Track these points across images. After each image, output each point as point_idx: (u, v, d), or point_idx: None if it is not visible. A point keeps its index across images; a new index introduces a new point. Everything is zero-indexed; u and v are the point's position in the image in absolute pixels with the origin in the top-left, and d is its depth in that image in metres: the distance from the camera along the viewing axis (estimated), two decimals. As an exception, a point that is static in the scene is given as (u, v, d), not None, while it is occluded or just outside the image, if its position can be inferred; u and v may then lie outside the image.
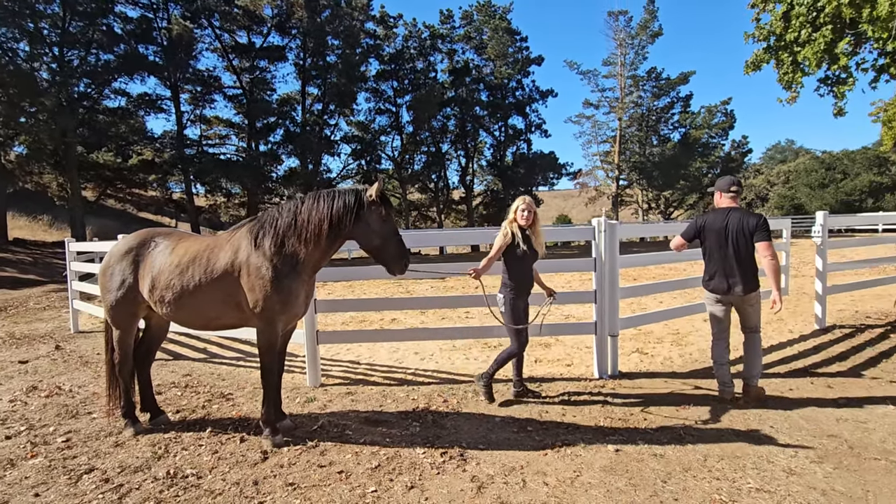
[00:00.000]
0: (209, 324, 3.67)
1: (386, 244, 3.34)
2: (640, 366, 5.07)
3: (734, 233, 3.72)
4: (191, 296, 3.38)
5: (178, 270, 3.40)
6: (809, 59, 7.49)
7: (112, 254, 3.73)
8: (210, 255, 3.41)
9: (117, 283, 3.60)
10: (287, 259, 3.25)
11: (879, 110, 16.09)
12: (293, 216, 3.30)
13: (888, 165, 46.46)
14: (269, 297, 3.23)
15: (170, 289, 3.40)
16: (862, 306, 7.74)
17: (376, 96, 37.57)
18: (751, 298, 3.83)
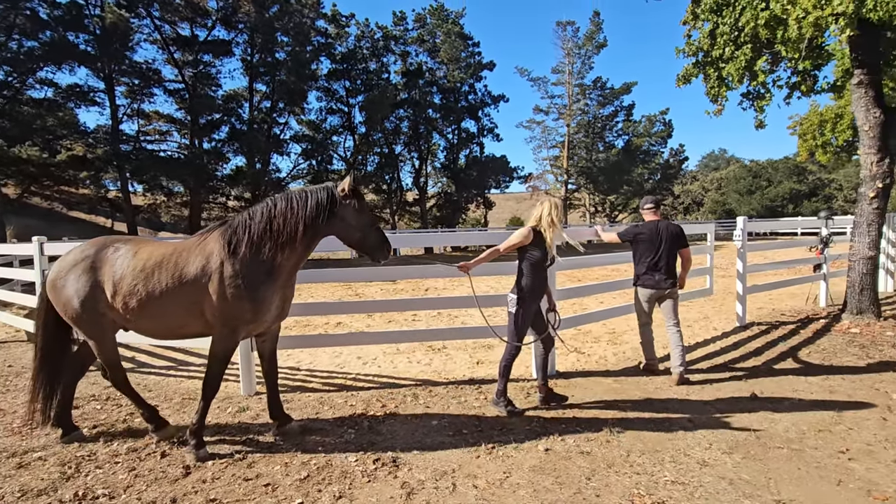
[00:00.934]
0: (173, 332, 3.44)
1: (366, 236, 3.37)
2: (576, 365, 5.23)
3: (665, 240, 4.59)
4: (156, 302, 3.19)
5: (142, 275, 3.20)
6: (732, 74, 7.95)
7: (63, 264, 3.42)
8: (178, 260, 3.23)
9: (72, 294, 3.31)
10: (263, 265, 3.17)
11: (796, 124, 17.61)
12: (267, 220, 3.19)
13: (806, 174, 50.93)
14: (241, 306, 3.13)
15: (133, 295, 3.19)
16: (779, 304, 8.39)
17: (328, 95, 36.86)
18: (674, 292, 4.68)
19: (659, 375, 4.75)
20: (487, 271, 4.66)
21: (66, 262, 3.40)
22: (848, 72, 9.76)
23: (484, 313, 4.27)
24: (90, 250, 3.42)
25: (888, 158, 6.42)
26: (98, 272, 3.31)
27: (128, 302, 3.20)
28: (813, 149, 16.68)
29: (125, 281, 3.21)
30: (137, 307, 3.20)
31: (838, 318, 6.93)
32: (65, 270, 3.37)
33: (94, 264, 3.34)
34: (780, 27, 6.74)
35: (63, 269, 3.38)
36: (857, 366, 4.87)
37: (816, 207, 48.03)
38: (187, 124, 31.26)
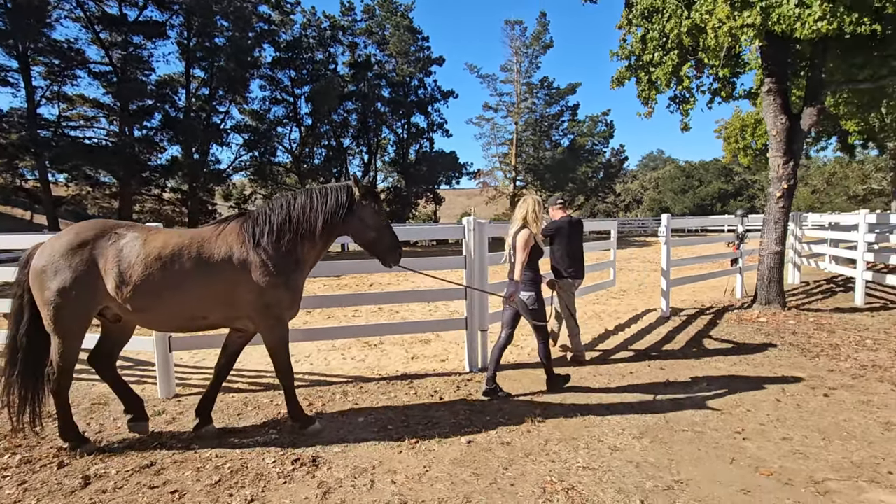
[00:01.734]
0: (189, 323, 3.31)
1: (381, 236, 3.48)
2: (509, 357, 5.33)
3: (578, 234, 5.02)
4: (175, 292, 3.11)
5: (158, 264, 3.08)
6: (661, 78, 8.32)
7: (55, 248, 3.10)
8: (201, 250, 3.17)
9: (66, 282, 3.02)
10: (289, 256, 3.27)
11: (721, 128, 18.90)
12: (286, 214, 3.28)
13: (732, 175, 54.90)
14: (279, 294, 3.23)
15: (147, 284, 3.06)
16: (701, 296, 8.99)
17: (272, 85, 35.47)
18: (578, 282, 5.17)
19: (585, 366, 4.94)
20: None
21: (59, 247, 3.09)
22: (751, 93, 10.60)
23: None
24: (87, 235, 3.15)
25: (793, 161, 7.01)
26: (100, 259, 3.09)
27: (138, 291, 3.06)
28: (736, 151, 17.97)
29: (136, 270, 3.06)
30: (151, 297, 3.08)
31: (750, 307, 7.51)
32: (57, 256, 3.07)
33: (95, 251, 3.10)
34: (701, 35, 7.17)
35: (55, 255, 3.07)
36: (761, 352, 5.29)
37: (741, 206, 52.06)
38: (116, 110, 28.93)
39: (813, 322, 6.54)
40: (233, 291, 3.18)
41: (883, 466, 2.79)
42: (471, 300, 4.82)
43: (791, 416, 3.53)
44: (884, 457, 2.90)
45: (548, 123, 43.90)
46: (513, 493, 2.60)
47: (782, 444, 3.11)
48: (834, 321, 6.58)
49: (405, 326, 5.37)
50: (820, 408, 3.68)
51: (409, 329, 5.28)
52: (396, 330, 5.27)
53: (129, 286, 3.05)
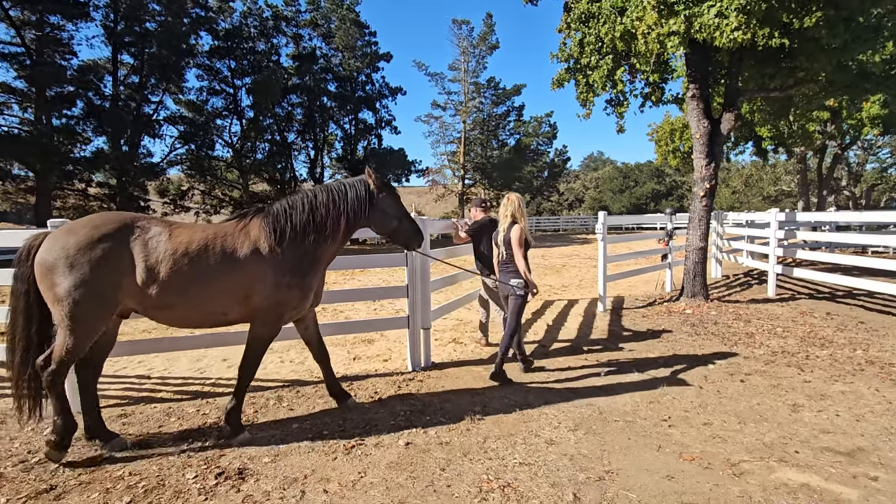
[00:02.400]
0: (210, 320, 3.26)
1: (402, 224, 3.63)
2: (453, 355, 5.32)
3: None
4: (201, 288, 3.07)
5: (186, 259, 3.02)
6: (598, 82, 8.61)
7: (70, 242, 2.90)
8: (225, 245, 3.14)
9: (85, 278, 2.86)
10: (308, 253, 3.29)
11: (653, 131, 20.00)
12: (309, 213, 3.30)
13: (664, 177, 58.44)
14: (291, 294, 3.24)
15: (175, 280, 3.00)
16: (635, 290, 9.45)
17: (210, 74, 33.50)
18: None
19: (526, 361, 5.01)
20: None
21: (75, 241, 2.90)
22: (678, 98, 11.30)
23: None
24: (108, 228, 2.99)
25: (714, 163, 7.51)
26: (125, 254, 2.96)
27: (167, 287, 2.99)
28: (666, 154, 19.10)
29: (164, 265, 2.98)
30: (179, 293, 3.02)
31: (678, 300, 7.99)
32: (73, 250, 2.87)
33: (119, 246, 2.96)
34: (633, 41, 7.51)
35: (70, 249, 2.87)
36: (687, 342, 5.63)
37: (673, 206, 55.56)
38: (31, 96, 26.14)
39: (732, 313, 7.04)
40: (252, 287, 3.16)
41: (791, 446, 3.02)
42: (413, 298, 4.76)
43: (712, 402, 3.76)
44: (791, 437, 3.15)
45: (495, 123, 44.60)
46: (449, 495, 2.57)
47: (703, 429, 3.30)
48: (750, 311, 7.13)
49: (346, 326, 5.19)
50: (737, 393, 3.95)
51: (350, 329, 5.13)
52: (337, 330, 5.09)
53: (157, 282, 2.98)
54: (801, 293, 8.70)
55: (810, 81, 7.68)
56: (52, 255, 2.88)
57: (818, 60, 7.23)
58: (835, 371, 4.44)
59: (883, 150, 29.47)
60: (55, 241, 2.93)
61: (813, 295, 8.50)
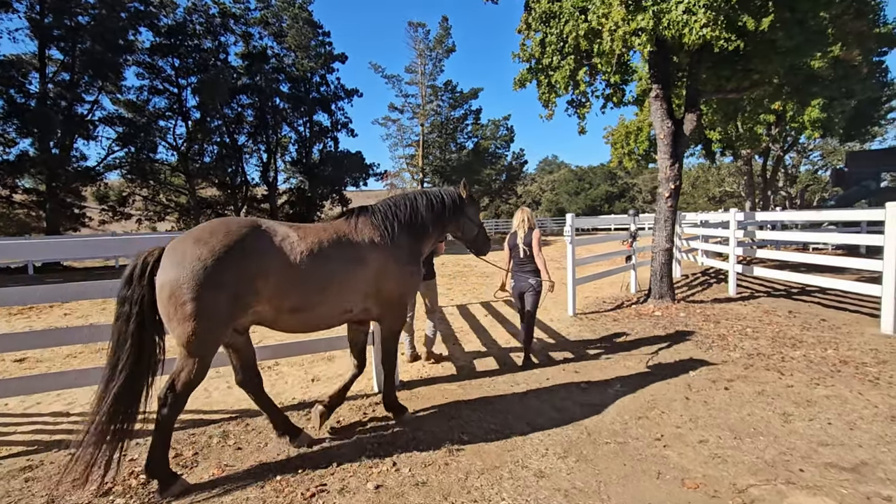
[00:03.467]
0: (341, 319, 3.31)
1: (481, 232, 4.12)
2: (422, 372, 4.90)
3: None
4: (338, 286, 3.12)
5: (321, 259, 3.04)
6: (559, 82, 8.45)
7: (198, 255, 2.61)
8: (350, 243, 3.25)
9: (219, 292, 2.63)
10: (414, 250, 3.57)
11: (609, 134, 20.40)
12: (411, 213, 3.58)
13: (616, 179, 60.49)
14: (412, 281, 3.54)
15: (315, 281, 2.99)
16: (602, 292, 9.36)
17: (152, 73, 31.45)
18: (429, 284, 5.16)
19: (503, 374, 4.66)
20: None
21: (206, 253, 2.63)
22: (646, 91, 11.42)
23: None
24: (242, 233, 2.80)
25: (678, 163, 7.50)
26: (260, 261, 2.80)
27: (306, 290, 2.97)
28: (621, 156, 19.51)
29: (304, 267, 2.95)
30: (317, 294, 3.03)
31: (645, 302, 7.93)
32: (202, 264, 2.60)
33: (253, 252, 2.78)
34: (597, 40, 7.40)
35: (200, 263, 2.60)
36: (662, 347, 5.47)
37: (625, 207, 57.53)
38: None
39: (700, 314, 7.02)
40: (377, 282, 3.29)
41: (794, 463, 2.81)
42: (377, 313, 4.30)
43: (702, 415, 3.54)
44: (791, 452, 2.95)
45: (453, 126, 44.52)
46: (430, 553, 2.16)
47: (700, 448, 3.05)
48: (716, 312, 7.14)
49: (302, 346, 4.63)
50: (725, 403, 3.76)
51: (306, 349, 4.56)
52: (290, 351, 4.53)
53: (296, 285, 2.93)
54: (760, 291, 8.89)
55: (764, 84, 7.85)
56: (187, 269, 2.58)
57: (772, 63, 7.38)
58: (813, 373, 4.36)
59: (814, 154, 31.70)
60: (184, 253, 2.64)
61: (770, 293, 8.69)
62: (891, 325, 5.63)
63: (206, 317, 2.60)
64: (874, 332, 5.68)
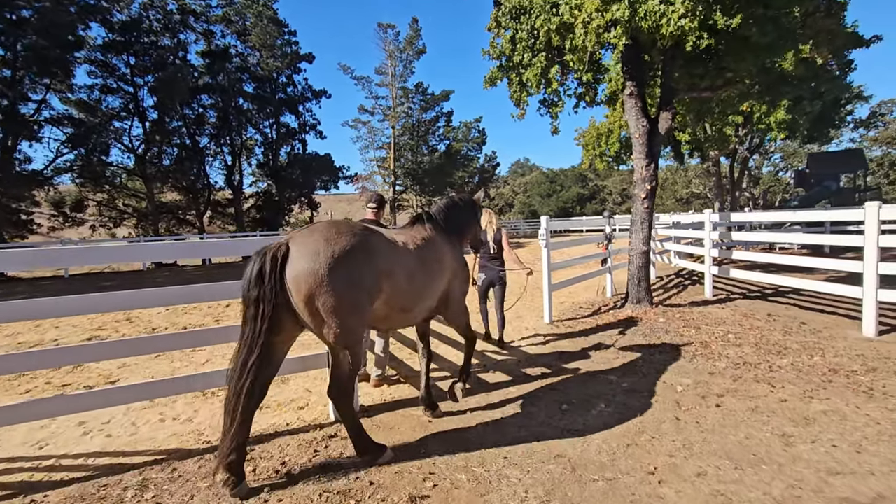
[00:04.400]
0: (420, 318, 3.52)
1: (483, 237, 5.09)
2: (385, 394, 4.40)
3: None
4: (429, 289, 3.35)
5: (421, 262, 3.27)
6: (531, 80, 8.15)
7: (337, 249, 2.70)
8: (434, 247, 3.47)
9: (357, 286, 2.76)
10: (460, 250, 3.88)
11: (580, 136, 20.34)
12: (458, 219, 3.95)
13: (587, 181, 61.34)
14: (467, 282, 3.86)
15: (416, 282, 3.20)
16: (577, 297, 9.07)
17: (105, 71, 29.79)
18: None
19: (475, 395, 4.21)
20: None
21: (343, 248, 2.74)
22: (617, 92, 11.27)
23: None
24: (364, 235, 2.92)
25: (654, 163, 7.26)
26: (386, 260, 2.99)
27: (416, 288, 3.19)
28: (593, 158, 19.45)
29: (412, 268, 3.17)
30: (423, 291, 3.27)
31: (623, 306, 7.65)
32: (337, 260, 2.68)
33: (379, 251, 2.96)
34: (569, 35, 7.10)
35: (344, 256, 2.71)
36: (644, 356, 5.14)
37: (596, 209, 58.38)
38: None
39: (679, 319, 6.77)
40: (450, 281, 3.58)
41: (806, 501, 2.46)
42: (332, 330, 3.79)
43: (696, 440, 3.18)
44: (800, 485, 2.60)
45: (424, 128, 44.05)
46: None
47: (699, 483, 2.67)
48: (695, 316, 6.90)
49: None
50: (718, 423, 3.42)
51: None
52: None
53: (408, 285, 3.11)
54: (735, 293, 8.77)
55: (738, 82, 7.72)
56: (324, 267, 2.64)
57: (744, 61, 7.24)
58: (805, 385, 4.09)
59: (776, 156, 32.77)
60: (317, 252, 2.67)
61: (746, 294, 8.58)
62: (872, 328, 5.48)
63: (353, 311, 2.75)
64: (856, 336, 5.52)
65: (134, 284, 14.35)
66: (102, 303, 3.27)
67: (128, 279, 17.39)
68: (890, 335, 5.49)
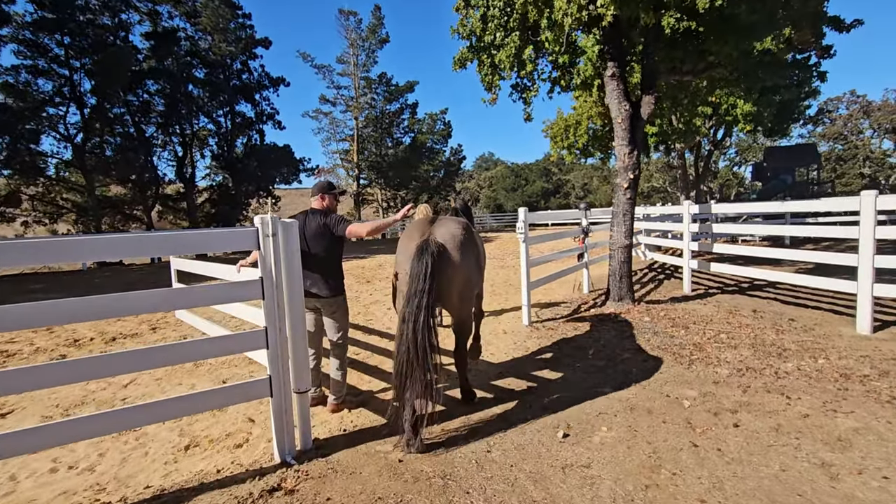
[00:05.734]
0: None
1: None
2: (345, 421, 3.66)
3: (312, 235, 3.68)
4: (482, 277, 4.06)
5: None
6: (504, 61, 7.58)
7: (467, 235, 3.60)
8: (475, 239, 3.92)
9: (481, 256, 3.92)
10: None
11: (548, 128, 20.00)
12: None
13: (551, 175, 61.83)
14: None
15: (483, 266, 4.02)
16: (553, 294, 8.55)
17: (35, 51, 27.07)
18: (332, 303, 3.76)
19: (453, 420, 3.54)
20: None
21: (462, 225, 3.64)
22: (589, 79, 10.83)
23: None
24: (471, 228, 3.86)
25: (636, 150, 6.79)
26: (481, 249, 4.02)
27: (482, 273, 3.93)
28: (561, 150, 19.14)
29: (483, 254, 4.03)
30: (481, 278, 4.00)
31: (604, 304, 7.19)
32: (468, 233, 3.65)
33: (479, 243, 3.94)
34: (547, 8, 6.51)
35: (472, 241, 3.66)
36: (637, 363, 4.63)
37: (560, 203, 58.94)
38: None
39: (665, 317, 6.34)
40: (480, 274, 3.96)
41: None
42: (277, 347, 3.02)
43: (725, 475, 2.63)
44: (872, 542, 2.08)
45: (388, 120, 42.88)
46: None
47: (748, 543, 2.10)
48: (680, 314, 6.50)
49: (163, 409, 3.09)
50: (744, 450, 2.89)
51: (171, 412, 3.09)
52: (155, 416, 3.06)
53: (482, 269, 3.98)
54: (713, 287, 8.50)
55: (720, 66, 7.35)
56: (467, 245, 3.52)
57: (727, 44, 6.88)
58: (821, 395, 3.66)
59: (731, 150, 33.75)
60: (463, 244, 3.49)
61: (723, 289, 8.31)
62: (867, 324, 5.19)
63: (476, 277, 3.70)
64: (851, 334, 5.21)
65: (68, 287, 12.84)
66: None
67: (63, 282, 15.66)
68: (885, 331, 5.21)
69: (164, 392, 4.49)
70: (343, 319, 3.84)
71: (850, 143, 37.35)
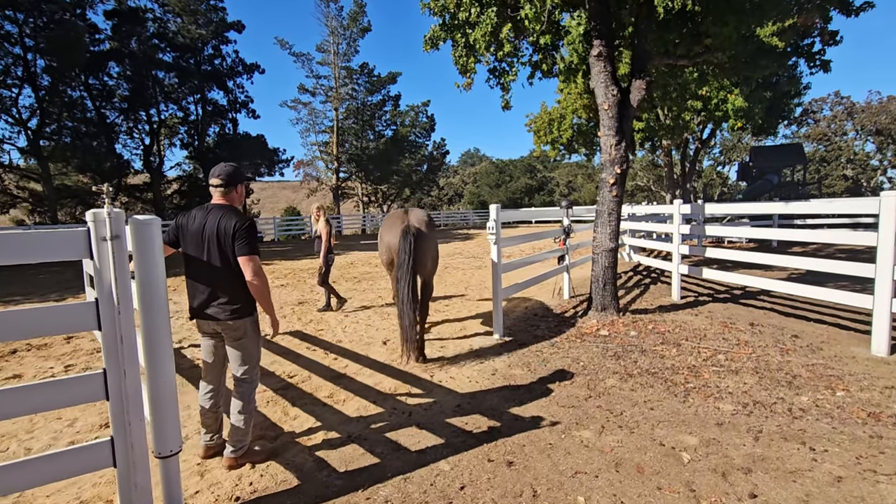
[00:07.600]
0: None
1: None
2: (242, 486, 2.76)
3: (209, 238, 2.78)
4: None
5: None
6: (479, 41, 6.75)
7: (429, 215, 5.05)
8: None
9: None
10: None
11: (531, 122, 19.23)
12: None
13: (535, 172, 61.36)
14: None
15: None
16: (529, 301, 7.78)
17: (-15, 29, 25.19)
18: (236, 328, 2.84)
19: (425, 467, 2.69)
20: None
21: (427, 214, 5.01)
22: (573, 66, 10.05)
23: None
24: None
25: (625, 142, 6.01)
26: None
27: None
28: (545, 144, 18.42)
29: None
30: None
31: (586, 314, 6.43)
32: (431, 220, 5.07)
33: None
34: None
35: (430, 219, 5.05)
36: (625, 394, 3.84)
37: (544, 200, 58.52)
38: None
39: (653, 331, 5.60)
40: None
41: None
42: (122, 398, 2.11)
43: None
44: None
45: (370, 112, 41.60)
46: None
47: None
48: (670, 327, 5.77)
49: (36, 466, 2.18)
50: (771, 543, 2.11)
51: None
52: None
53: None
54: (703, 294, 7.83)
55: (717, 50, 6.62)
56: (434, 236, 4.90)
57: (727, 25, 6.15)
58: (851, 445, 2.91)
59: (716, 149, 33.53)
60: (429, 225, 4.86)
61: (714, 296, 7.64)
62: (885, 346, 4.51)
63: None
64: (867, 356, 4.53)
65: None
66: None
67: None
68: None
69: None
70: (251, 349, 2.93)
71: (833, 144, 37.58)
